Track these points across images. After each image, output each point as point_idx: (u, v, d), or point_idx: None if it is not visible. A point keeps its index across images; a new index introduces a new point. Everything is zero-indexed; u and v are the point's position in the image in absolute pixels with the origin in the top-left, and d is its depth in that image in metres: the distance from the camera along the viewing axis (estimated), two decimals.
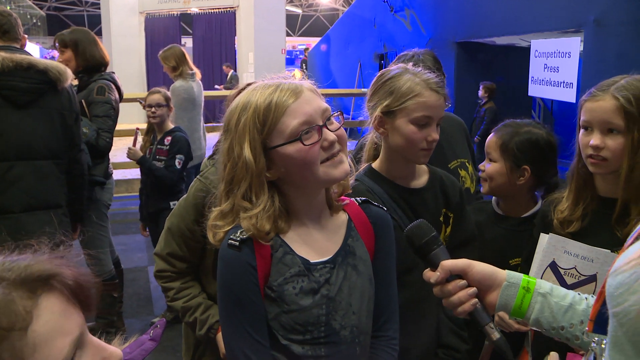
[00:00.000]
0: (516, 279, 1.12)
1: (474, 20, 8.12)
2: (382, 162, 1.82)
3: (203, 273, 1.96)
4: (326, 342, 1.31)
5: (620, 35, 5.59)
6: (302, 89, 1.29)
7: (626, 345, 0.70)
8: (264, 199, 1.28)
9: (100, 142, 3.46)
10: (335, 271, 1.33)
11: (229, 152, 1.30)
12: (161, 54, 5.10)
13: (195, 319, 1.88)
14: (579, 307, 1.07)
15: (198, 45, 14.81)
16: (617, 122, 1.61)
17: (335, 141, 1.29)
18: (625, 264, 0.69)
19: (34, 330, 0.71)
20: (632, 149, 1.60)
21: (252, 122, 1.27)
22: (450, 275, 1.15)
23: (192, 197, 1.88)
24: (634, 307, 0.65)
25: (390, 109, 1.71)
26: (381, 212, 1.48)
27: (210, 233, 1.34)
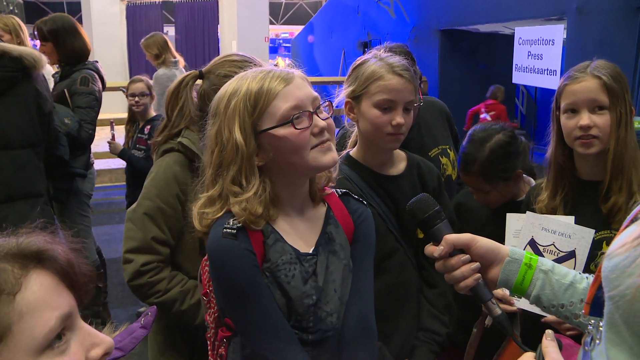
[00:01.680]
0: (519, 255, 1.12)
1: (458, 8, 8.12)
2: (359, 150, 1.83)
3: (181, 253, 1.84)
4: (315, 331, 1.31)
5: (602, 23, 5.63)
6: (293, 76, 1.30)
7: (622, 327, 0.70)
8: (255, 183, 1.27)
9: (82, 134, 3.41)
10: (319, 261, 1.33)
11: (217, 136, 1.29)
12: (143, 42, 5.05)
13: (199, 299, 1.74)
14: (579, 285, 1.07)
15: (181, 33, 14.66)
16: (603, 100, 1.66)
17: (325, 128, 1.29)
18: (620, 247, 0.69)
19: (23, 298, 0.73)
20: (618, 124, 1.66)
21: (242, 105, 1.26)
22: (453, 250, 1.13)
23: (169, 171, 1.79)
24: (629, 289, 0.65)
25: (355, 94, 1.73)
26: (361, 205, 1.47)
27: (197, 220, 1.32)
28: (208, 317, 1.41)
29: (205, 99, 1.85)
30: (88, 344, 0.79)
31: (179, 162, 1.80)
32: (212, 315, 1.38)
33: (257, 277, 1.27)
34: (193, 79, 1.86)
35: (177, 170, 1.79)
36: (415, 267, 1.83)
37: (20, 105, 2.77)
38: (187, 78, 1.86)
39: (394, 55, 1.75)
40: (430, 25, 8.75)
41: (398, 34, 9.44)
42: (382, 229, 1.71)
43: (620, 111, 1.66)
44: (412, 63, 1.95)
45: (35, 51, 2.85)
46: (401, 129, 1.69)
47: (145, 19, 14.29)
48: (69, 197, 3.43)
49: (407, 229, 1.80)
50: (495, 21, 7.46)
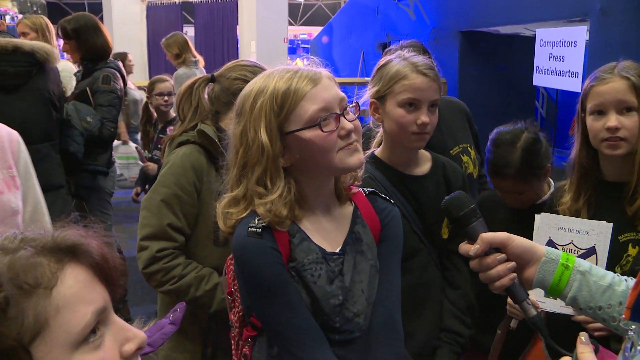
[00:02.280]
0: (555, 255, 1.10)
1: (478, 9, 8.06)
2: (384, 149, 1.83)
3: (195, 242, 1.87)
4: (342, 331, 1.30)
5: (626, 24, 5.54)
6: (321, 76, 1.29)
7: None
8: (280, 184, 1.26)
9: (104, 132, 3.44)
10: (346, 261, 1.33)
11: (242, 135, 1.29)
12: (164, 41, 5.10)
13: (215, 284, 1.79)
14: (618, 288, 1.05)
15: (200, 34, 14.73)
16: (631, 100, 1.65)
17: (352, 130, 1.28)
18: None
19: (59, 292, 0.73)
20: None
21: (269, 105, 1.25)
22: (489, 249, 1.12)
23: (187, 159, 1.83)
24: None
25: (380, 94, 1.74)
26: (388, 204, 1.47)
27: (221, 220, 1.32)
28: (232, 317, 1.41)
29: (217, 101, 1.97)
30: (121, 338, 0.80)
31: (196, 151, 1.86)
32: (237, 315, 1.38)
33: (283, 274, 1.26)
34: (205, 82, 1.95)
35: (194, 159, 1.84)
36: (438, 267, 1.82)
37: (37, 99, 2.80)
38: (199, 81, 1.95)
39: (417, 55, 1.75)
40: (450, 26, 8.69)
41: (418, 35, 9.39)
42: (405, 228, 1.71)
43: None
44: None
45: (47, 45, 2.89)
46: (426, 128, 1.69)
47: (165, 19, 14.38)
48: (90, 195, 3.46)
49: (431, 229, 1.80)
50: (516, 23, 7.38)
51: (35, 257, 0.74)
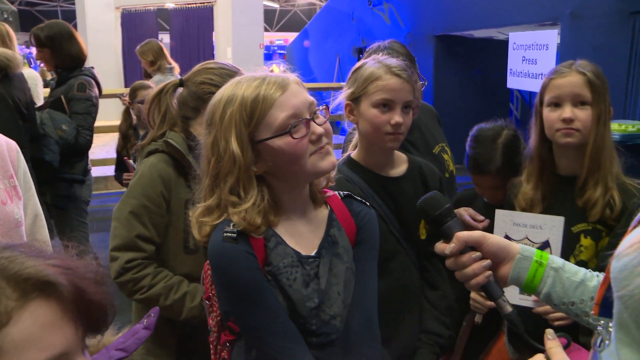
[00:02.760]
0: (529, 252, 1.12)
1: (453, 14, 8.16)
2: (359, 151, 1.84)
3: (166, 251, 1.87)
4: (319, 334, 1.31)
5: (596, 28, 5.66)
6: (289, 82, 1.29)
7: (632, 327, 0.71)
8: (253, 193, 1.27)
9: (80, 140, 3.41)
10: (321, 264, 1.33)
11: (213, 146, 1.28)
12: (138, 49, 5.07)
13: (184, 293, 1.80)
14: (590, 283, 1.07)
15: (175, 41, 14.66)
16: (586, 95, 1.72)
17: (323, 134, 1.29)
18: (629, 247, 0.70)
19: (7, 334, 0.66)
20: (598, 121, 1.71)
21: (238, 115, 1.25)
22: (464, 247, 1.13)
23: (154, 170, 1.83)
24: (638, 289, 0.65)
25: (355, 95, 1.75)
26: (364, 207, 1.47)
27: (196, 228, 1.32)
28: (211, 321, 1.41)
29: (184, 106, 1.94)
30: None
31: (164, 161, 1.85)
32: (215, 319, 1.38)
33: (260, 278, 1.27)
34: (173, 87, 1.93)
35: (161, 169, 1.83)
36: (417, 268, 1.83)
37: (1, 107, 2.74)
38: (168, 86, 1.93)
39: (391, 57, 1.77)
40: (425, 31, 8.78)
41: None
42: (383, 230, 1.72)
43: (601, 108, 1.71)
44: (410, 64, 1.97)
45: (9, 51, 2.84)
46: (400, 129, 1.70)
47: (140, 26, 14.28)
48: (67, 204, 3.43)
49: (409, 230, 1.81)
50: (490, 27, 7.49)
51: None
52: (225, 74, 1.89)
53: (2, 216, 1.52)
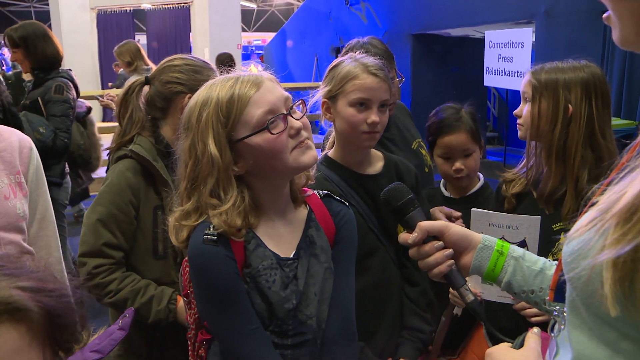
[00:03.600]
0: (491, 242, 1.14)
1: (429, 13, 8.22)
2: (337, 150, 1.85)
3: (135, 257, 1.85)
4: (294, 334, 1.32)
5: (570, 25, 5.75)
6: (263, 79, 1.29)
7: (582, 309, 0.73)
8: (233, 194, 1.26)
9: (58, 142, 3.37)
10: (300, 265, 1.34)
11: (190, 149, 1.28)
12: (116, 49, 5.05)
13: (151, 297, 1.79)
14: (549, 272, 1.09)
15: (152, 41, 14.57)
16: (528, 92, 1.83)
17: (301, 128, 1.29)
18: (576, 231, 0.72)
19: None
20: (536, 116, 1.79)
21: (214, 116, 1.25)
22: (426, 237, 1.15)
23: (122, 178, 1.80)
24: (585, 271, 0.67)
25: (332, 93, 1.76)
26: (343, 207, 1.48)
27: (173, 233, 1.31)
28: (189, 318, 1.41)
29: (152, 107, 1.89)
30: None
31: (132, 169, 1.82)
32: (193, 317, 1.39)
33: (237, 283, 1.27)
34: (140, 86, 1.88)
35: (129, 177, 1.81)
36: (396, 265, 1.85)
37: None
38: (134, 85, 1.88)
39: (368, 56, 1.79)
40: (402, 29, 8.83)
41: None
42: (362, 227, 1.73)
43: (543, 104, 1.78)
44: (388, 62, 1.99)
45: None
46: (376, 127, 1.72)
47: (116, 27, 14.18)
48: None
49: (388, 227, 1.83)
50: (466, 25, 7.57)
51: None
52: (191, 70, 1.86)
53: (4, 210, 1.55)
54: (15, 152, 1.63)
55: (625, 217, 0.61)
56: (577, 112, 1.75)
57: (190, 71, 1.85)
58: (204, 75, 1.82)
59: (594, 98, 1.75)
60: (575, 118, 1.74)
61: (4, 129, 1.66)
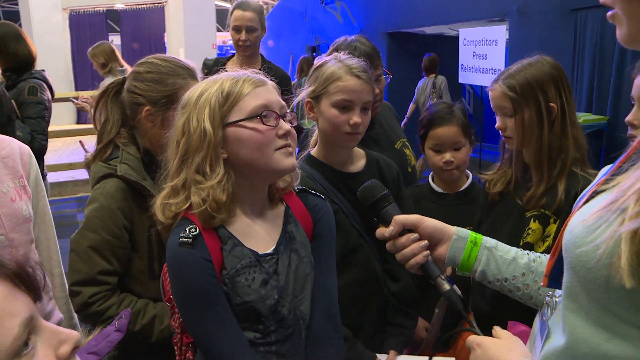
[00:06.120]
0: (465, 233, 1.18)
1: (404, 11, 8.28)
2: (319, 149, 1.87)
3: (131, 279, 1.77)
4: (276, 329, 1.33)
5: (542, 23, 5.85)
6: (266, 81, 1.35)
7: (581, 295, 0.76)
8: (220, 171, 1.28)
9: (35, 145, 3.32)
10: (280, 260, 1.35)
11: (184, 125, 1.31)
12: (90, 51, 4.99)
13: (152, 317, 1.72)
14: (521, 261, 1.14)
15: (127, 42, 14.45)
16: (507, 106, 1.80)
17: (289, 132, 1.33)
18: (582, 221, 0.75)
19: None
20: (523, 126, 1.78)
21: (214, 96, 1.30)
22: (402, 230, 1.19)
23: (113, 201, 1.68)
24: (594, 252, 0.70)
25: (315, 93, 1.78)
26: (319, 200, 1.50)
27: (160, 211, 1.32)
28: (173, 323, 1.41)
29: (124, 111, 1.79)
30: (55, 342, 0.78)
31: (120, 190, 1.70)
32: (177, 321, 1.38)
33: (214, 286, 1.28)
34: (116, 87, 1.79)
35: (119, 199, 1.69)
36: (378, 261, 1.87)
37: None
38: (112, 86, 1.79)
39: (352, 57, 1.80)
40: (377, 28, 8.89)
41: None
42: (346, 225, 1.75)
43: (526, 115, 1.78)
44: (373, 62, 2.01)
45: None
46: (358, 129, 1.74)
47: (89, 28, 14.03)
48: None
49: (370, 224, 1.85)
50: (440, 23, 7.65)
51: None
52: (153, 79, 1.73)
53: (12, 212, 1.64)
54: (17, 158, 1.71)
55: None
56: (557, 109, 1.78)
57: (151, 81, 1.72)
58: (168, 86, 1.72)
59: (563, 90, 1.79)
60: (557, 116, 1.78)
61: (3, 137, 1.73)
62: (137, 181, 1.69)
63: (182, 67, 1.78)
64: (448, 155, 2.13)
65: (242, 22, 3.35)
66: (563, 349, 0.80)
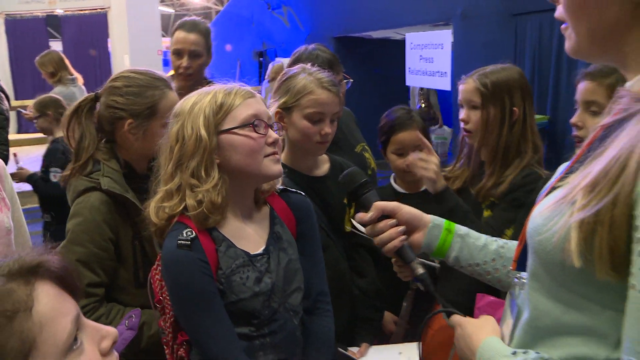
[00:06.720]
0: (440, 221, 1.28)
1: (351, 16, 8.42)
2: (287, 155, 1.95)
3: (118, 289, 1.79)
4: (269, 322, 1.42)
5: (484, 27, 6.08)
6: (256, 94, 1.44)
7: (543, 275, 0.88)
8: (215, 175, 1.36)
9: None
10: (271, 259, 1.44)
11: (178, 133, 1.38)
12: (38, 59, 4.90)
13: (141, 324, 1.71)
14: (491, 247, 1.24)
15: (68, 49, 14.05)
16: (476, 100, 1.94)
17: (277, 140, 1.42)
18: (542, 211, 0.86)
19: (38, 311, 0.77)
20: (486, 122, 1.93)
21: (209, 105, 1.37)
22: (381, 215, 1.27)
23: (97, 214, 1.70)
24: (552, 237, 0.82)
25: (287, 105, 1.86)
26: (300, 197, 1.61)
27: (154, 213, 1.38)
28: (163, 323, 1.46)
29: (101, 127, 1.81)
30: (97, 337, 0.86)
31: (104, 202, 1.72)
32: (168, 321, 1.44)
33: (210, 286, 1.35)
34: (89, 103, 1.81)
35: (104, 211, 1.71)
36: (345, 259, 1.97)
37: None
38: (84, 103, 1.81)
39: (321, 70, 1.90)
40: (324, 33, 8.99)
41: (293, 43, 9.61)
42: None
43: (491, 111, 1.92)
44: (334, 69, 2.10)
45: None
46: (328, 138, 1.85)
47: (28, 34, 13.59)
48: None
49: (336, 224, 1.94)
50: (386, 27, 7.81)
51: (6, 284, 0.78)
52: (132, 92, 1.77)
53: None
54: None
55: (589, 189, 0.75)
56: (519, 114, 1.92)
57: (131, 94, 1.77)
58: (147, 98, 1.77)
59: (527, 97, 1.93)
60: (518, 119, 1.92)
61: None
62: (121, 194, 1.72)
63: (158, 78, 1.82)
64: (411, 157, 2.23)
65: (184, 45, 2.79)
66: (528, 321, 0.91)
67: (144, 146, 1.78)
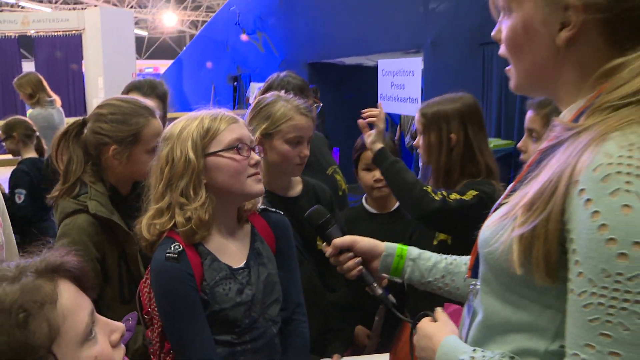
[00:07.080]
0: (392, 249, 1.42)
1: (324, 43, 8.61)
2: (264, 177, 2.06)
3: (104, 306, 1.81)
4: (250, 330, 1.53)
5: (453, 55, 6.30)
6: (240, 120, 1.57)
7: (492, 280, 1.00)
8: (202, 195, 1.47)
9: None
10: (251, 273, 1.56)
11: (168, 155, 1.48)
12: (16, 81, 4.93)
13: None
14: (440, 265, 1.39)
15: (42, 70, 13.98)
16: (419, 127, 2.17)
17: (259, 162, 1.55)
18: (492, 224, 0.99)
19: (61, 304, 0.90)
20: (428, 146, 2.13)
21: (196, 130, 1.48)
22: (340, 250, 1.43)
23: (84, 235, 1.76)
24: (499, 248, 0.93)
25: (267, 131, 1.99)
26: (279, 216, 1.74)
27: (145, 229, 1.49)
28: (150, 334, 1.56)
29: (87, 151, 1.87)
30: (108, 331, 0.99)
31: (91, 224, 1.79)
32: (156, 331, 1.53)
33: (194, 296, 1.46)
34: (77, 128, 1.89)
35: (91, 233, 1.78)
36: (317, 275, 2.09)
37: None
38: (72, 128, 1.88)
39: (296, 97, 2.04)
40: (298, 58, 9.16)
41: (268, 68, 9.77)
42: None
43: (431, 136, 2.11)
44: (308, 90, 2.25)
45: None
46: (305, 159, 1.99)
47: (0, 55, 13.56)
48: None
49: (309, 243, 2.06)
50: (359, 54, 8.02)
51: (35, 280, 0.90)
52: (117, 120, 1.84)
53: None
54: None
55: (527, 208, 0.87)
56: (457, 140, 2.07)
57: (115, 121, 1.84)
58: (132, 125, 1.84)
59: (469, 124, 2.08)
60: (457, 144, 2.07)
61: None
62: (108, 217, 1.79)
63: (142, 107, 1.91)
64: (377, 173, 2.34)
65: None
66: (481, 321, 1.03)
67: (127, 170, 1.87)
